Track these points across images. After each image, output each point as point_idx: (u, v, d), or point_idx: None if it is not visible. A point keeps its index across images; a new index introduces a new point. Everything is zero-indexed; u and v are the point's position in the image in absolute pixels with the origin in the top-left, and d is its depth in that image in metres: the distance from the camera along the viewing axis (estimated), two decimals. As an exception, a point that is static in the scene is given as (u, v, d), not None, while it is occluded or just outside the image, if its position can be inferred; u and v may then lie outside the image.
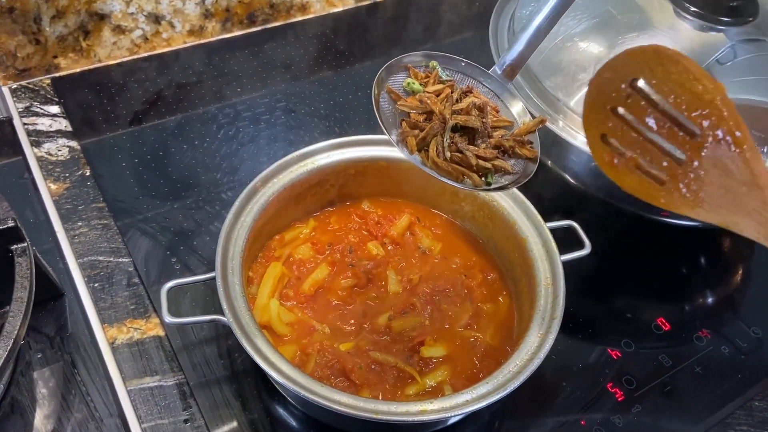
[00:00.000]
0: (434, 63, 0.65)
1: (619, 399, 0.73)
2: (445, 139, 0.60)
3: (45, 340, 0.72)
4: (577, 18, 0.84)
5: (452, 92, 0.63)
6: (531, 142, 0.63)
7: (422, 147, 0.61)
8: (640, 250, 0.89)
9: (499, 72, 0.65)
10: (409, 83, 0.63)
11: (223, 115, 1.00)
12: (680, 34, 0.80)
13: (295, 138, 0.98)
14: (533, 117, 0.65)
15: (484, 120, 0.62)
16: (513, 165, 0.62)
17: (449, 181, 0.59)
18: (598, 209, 0.82)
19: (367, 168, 0.79)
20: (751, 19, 0.81)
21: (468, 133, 0.62)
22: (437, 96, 0.62)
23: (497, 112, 0.65)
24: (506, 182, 0.61)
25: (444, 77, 0.65)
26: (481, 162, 0.60)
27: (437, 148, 0.60)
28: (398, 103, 0.62)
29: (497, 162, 0.61)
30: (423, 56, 0.65)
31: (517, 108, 0.66)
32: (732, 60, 0.79)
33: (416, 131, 0.61)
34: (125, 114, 0.98)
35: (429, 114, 0.61)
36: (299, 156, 0.76)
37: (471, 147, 0.61)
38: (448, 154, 0.60)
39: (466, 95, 0.64)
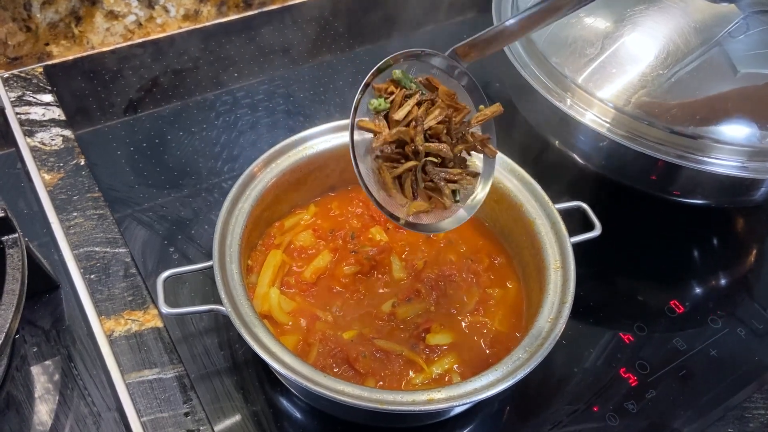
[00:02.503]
0: (397, 73, 0.59)
1: (633, 384, 0.71)
2: (418, 173, 0.59)
3: (41, 334, 0.70)
4: (583, -8, 0.81)
5: (419, 106, 0.59)
6: (489, 138, 0.61)
7: (396, 181, 0.60)
8: (652, 232, 0.86)
9: (454, 52, 0.61)
10: (375, 106, 0.59)
11: (221, 102, 0.97)
12: (691, 6, 0.77)
13: (295, 124, 0.96)
14: (488, 104, 0.61)
15: (453, 141, 0.60)
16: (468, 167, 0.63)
17: (427, 231, 0.61)
18: (608, 189, 0.80)
19: (369, 151, 0.76)
20: (764, -12, 0.78)
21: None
22: (406, 119, 0.58)
23: (454, 97, 0.61)
24: (466, 184, 0.63)
25: (408, 84, 0.60)
26: (450, 185, 0.61)
27: (412, 184, 0.59)
28: (374, 145, 0.58)
29: (464, 181, 0.62)
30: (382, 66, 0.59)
31: (470, 91, 0.62)
32: (745, 32, 0.76)
33: (391, 165, 0.60)
34: (120, 102, 0.95)
35: (399, 142, 0.59)
36: (298, 140, 0.74)
37: (442, 172, 0.60)
38: (422, 185, 0.60)
39: (433, 104, 0.60)
